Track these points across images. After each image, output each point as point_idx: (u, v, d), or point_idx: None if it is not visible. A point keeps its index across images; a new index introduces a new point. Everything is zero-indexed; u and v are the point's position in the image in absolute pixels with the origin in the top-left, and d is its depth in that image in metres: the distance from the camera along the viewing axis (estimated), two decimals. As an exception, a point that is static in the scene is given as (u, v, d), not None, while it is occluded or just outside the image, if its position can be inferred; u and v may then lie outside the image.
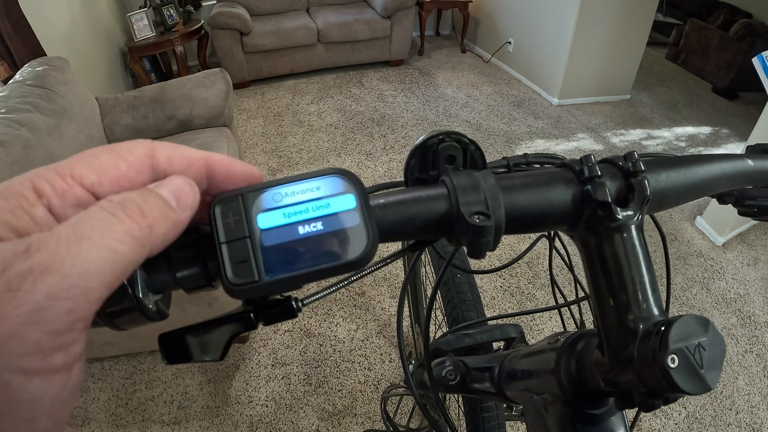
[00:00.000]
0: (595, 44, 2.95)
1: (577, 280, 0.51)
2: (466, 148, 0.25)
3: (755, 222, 2.03)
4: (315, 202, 0.19)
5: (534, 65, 3.35)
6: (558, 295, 0.93)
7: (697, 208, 2.16)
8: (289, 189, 0.19)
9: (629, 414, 0.31)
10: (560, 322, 1.61)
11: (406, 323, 1.43)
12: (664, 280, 0.38)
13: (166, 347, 0.19)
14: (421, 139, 0.24)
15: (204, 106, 1.89)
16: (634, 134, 2.86)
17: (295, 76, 3.51)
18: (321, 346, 1.54)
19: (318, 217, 0.19)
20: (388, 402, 1.28)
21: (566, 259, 0.51)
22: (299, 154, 2.55)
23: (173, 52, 3.15)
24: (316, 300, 0.22)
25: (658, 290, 0.23)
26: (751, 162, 0.29)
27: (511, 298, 1.71)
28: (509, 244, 1.92)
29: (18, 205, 0.14)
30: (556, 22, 3.01)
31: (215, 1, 3.43)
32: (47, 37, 2.09)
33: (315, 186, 0.19)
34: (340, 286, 0.23)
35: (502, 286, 1.75)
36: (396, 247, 1.77)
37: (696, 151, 2.74)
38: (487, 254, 0.22)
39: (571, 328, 0.65)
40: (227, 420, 1.34)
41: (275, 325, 1.75)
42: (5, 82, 1.79)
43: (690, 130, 2.96)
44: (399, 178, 0.26)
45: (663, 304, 0.23)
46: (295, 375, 1.45)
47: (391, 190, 0.24)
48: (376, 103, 3.12)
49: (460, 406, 0.63)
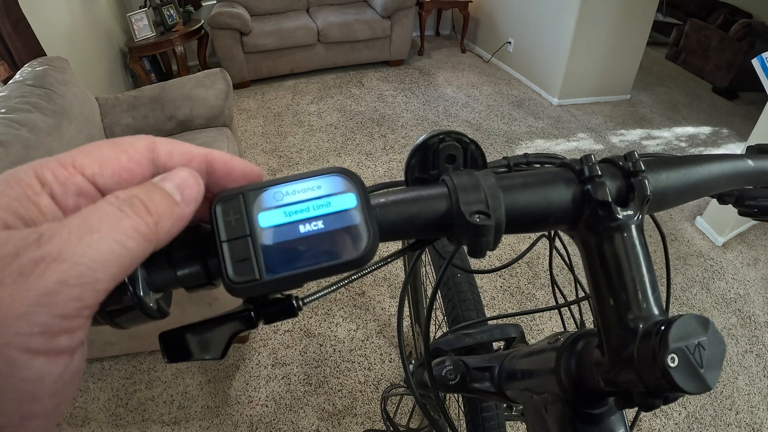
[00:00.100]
0: (595, 44, 2.95)
1: (577, 280, 0.51)
2: (467, 148, 0.25)
3: (755, 222, 2.03)
4: (316, 200, 0.19)
5: (534, 65, 3.35)
6: (558, 295, 0.93)
7: (697, 208, 2.16)
8: (290, 188, 0.19)
9: (629, 414, 0.31)
10: (560, 322, 1.61)
11: (406, 323, 1.43)
12: (664, 280, 0.38)
13: (167, 345, 0.19)
14: (421, 138, 0.24)
15: (204, 106, 1.89)
16: (634, 134, 2.86)
17: (295, 76, 3.51)
18: (321, 346, 1.54)
19: (319, 215, 0.19)
20: (388, 402, 1.28)
21: (566, 258, 0.51)
22: (299, 154, 2.55)
23: (173, 52, 3.15)
24: (316, 299, 0.22)
25: (658, 290, 0.23)
26: (751, 162, 0.29)
27: (511, 298, 1.71)
28: (509, 244, 1.92)
29: (23, 194, 0.14)
30: (556, 22, 3.01)
31: (215, 1, 3.43)
32: (47, 37, 2.09)
33: (316, 185, 0.19)
34: (341, 285, 0.23)
35: (502, 286, 1.75)
36: (396, 246, 1.77)
37: (696, 151, 2.74)
38: (487, 254, 0.22)
39: (571, 328, 0.65)
40: (227, 420, 1.34)
41: (275, 324, 1.75)
42: (5, 82, 1.79)
43: (690, 130, 2.96)
44: (399, 178, 0.26)
45: (663, 303, 0.23)
46: (295, 375, 1.45)
47: (392, 189, 0.24)
48: (376, 103, 3.12)
49: (460, 406, 0.63)
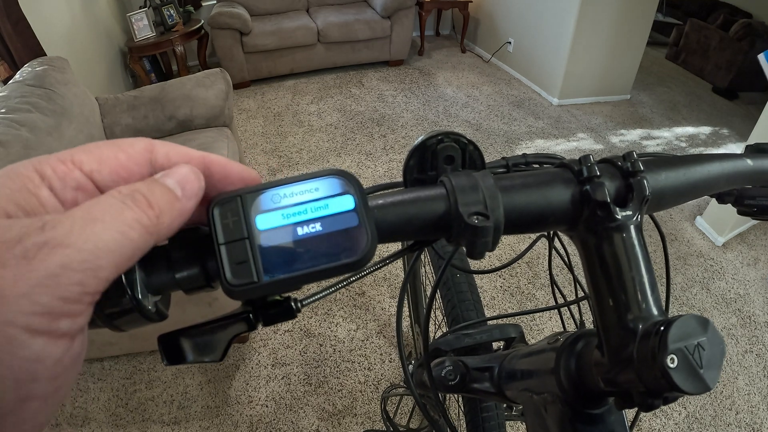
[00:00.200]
0: (595, 44, 2.95)
1: (576, 280, 0.51)
2: (465, 149, 0.25)
3: (755, 222, 2.03)
4: (314, 203, 0.19)
5: (534, 65, 3.35)
6: (558, 295, 0.93)
7: (697, 208, 2.16)
8: (288, 190, 0.19)
9: (629, 414, 0.31)
10: (560, 322, 1.61)
11: (406, 323, 1.43)
12: (664, 280, 0.38)
13: (166, 348, 0.19)
14: (419, 139, 0.24)
15: (204, 106, 1.89)
16: (634, 134, 2.86)
17: (295, 76, 3.51)
18: (321, 346, 1.54)
19: (317, 218, 0.19)
20: (388, 402, 1.28)
21: (566, 259, 0.51)
22: (299, 154, 2.55)
23: (173, 52, 3.15)
24: (315, 300, 0.22)
25: (657, 290, 0.23)
26: (750, 161, 0.29)
27: (511, 298, 1.71)
28: (509, 244, 1.92)
29: (23, 186, 0.15)
30: (556, 22, 3.01)
31: (215, 1, 3.43)
32: (47, 37, 2.09)
33: (314, 187, 0.19)
34: (340, 287, 0.23)
35: (502, 286, 1.75)
36: (396, 247, 1.77)
37: (696, 151, 2.74)
38: (486, 254, 0.22)
39: (571, 328, 0.65)
40: (227, 420, 1.34)
41: (275, 325, 1.75)
42: (5, 82, 1.79)
43: (690, 130, 2.96)
44: (399, 179, 0.26)
45: (662, 304, 0.23)
46: (295, 375, 1.45)
47: (390, 190, 0.24)
48: (376, 103, 3.12)
49: (460, 406, 0.63)
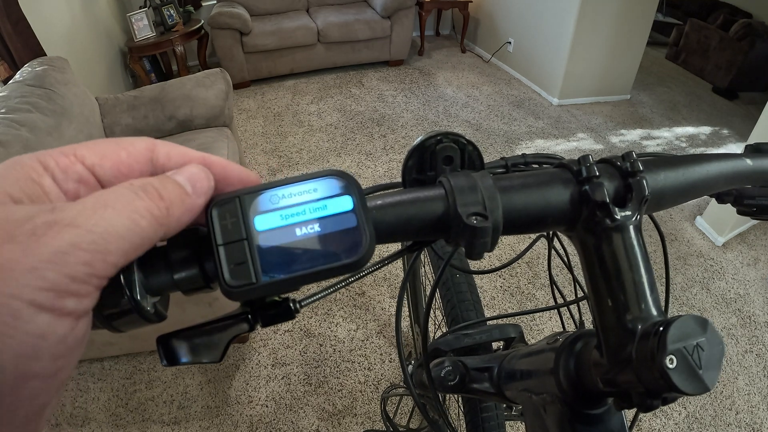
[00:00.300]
0: (595, 44, 2.95)
1: (576, 280, 0.51)
2: (464, 149, 0.25)
3: (755, 222, 2.03)
4: (312, 203, 0.19)
5: (534, 65, 3.35)
6: (557, 295, 0.93)
7: (697, 208, 2.16)
8: (286, 191, 0.19)
9: (628, 414, 0.31)
10: (560, 322, 1.61)
11: (406, 323, 1.43)
12: (664, 280, 0.38)
13: (165, 349, 0.19)
14: (418, 140, 0.24)
15: (204, 106, 1.89)
16: (634, 134, 2.86)
17: (295, 76, 3.50)
18: (321, 346, 1.54)
19: (315, 218, 0.19)
20: (388, 402, 1.28)
21: (565, 259, 0.51)
22: (299, 154, 2.55)
23: (173, 52, 3.15)
24: (314, 301, 0.22)
25: (656, 290, 0.23)
26: (749, 161, 0.29)
27: (511, 298, 1.71)
28: (509, 244, 1.92)
29: (27, 175, 0.15)
30: (556, 22, 3.01)
31: (215, 1, 3.43)
32: (47, 37, 2.09)
33: (312, 188, 0.19)
34: (339, 288, 0.23)
35: (501, 286, 1.75)
36: (395, 247, 1.77)
37: (696, 151, 2.74)
38: (486, 254, 0.22)
39: (571, 328, 0.65)
40: (227, 420, 1.34)
41: (275, 325, 1.74)
42: (5, 82, 1.79)
43: (690, 130, 2.96)
44: (399, 179, 0.26)
45: (662, 304, 0.23)
46: (295, 375, 1.45)
47: (389, 191, 0.24)
48: (376, 103, 3.12)
49: (459, 406, 0.63)
